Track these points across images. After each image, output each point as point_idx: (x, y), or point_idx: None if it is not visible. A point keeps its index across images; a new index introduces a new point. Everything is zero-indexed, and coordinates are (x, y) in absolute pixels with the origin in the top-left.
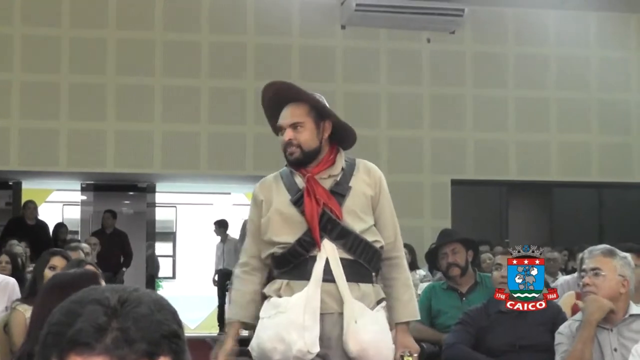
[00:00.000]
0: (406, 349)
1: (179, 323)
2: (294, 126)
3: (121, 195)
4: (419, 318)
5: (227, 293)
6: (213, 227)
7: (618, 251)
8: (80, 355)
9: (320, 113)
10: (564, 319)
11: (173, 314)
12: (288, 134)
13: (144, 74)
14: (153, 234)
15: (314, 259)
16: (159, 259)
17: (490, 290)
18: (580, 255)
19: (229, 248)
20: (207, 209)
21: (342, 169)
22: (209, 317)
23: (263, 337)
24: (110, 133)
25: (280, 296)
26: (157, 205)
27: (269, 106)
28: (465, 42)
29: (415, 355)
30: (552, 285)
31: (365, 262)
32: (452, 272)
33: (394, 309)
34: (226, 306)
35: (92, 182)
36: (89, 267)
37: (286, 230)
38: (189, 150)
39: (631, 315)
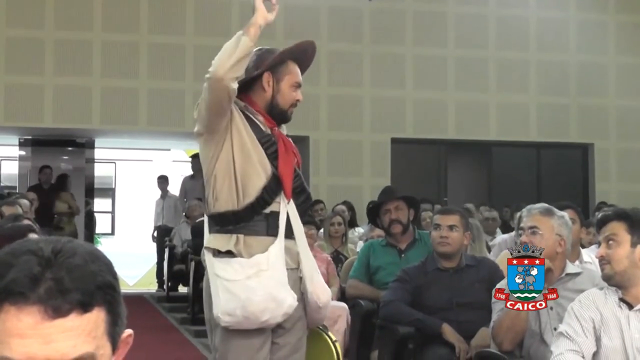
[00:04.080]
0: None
1: (113, 275)
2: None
3: (60, 150)
4: None
5: (165, 250)
6: (156, 181)
7: (556, 210)
8: (14, 305)
9: None
10: (501, 277)
11: (108, 265)
12: (300, 95)
13: (83, 28)
14: (92, 190)
15: (274, 214)
16: (98, 215)
17: (428, 247)
18: (518, 214)
19: (168, 204)
20: (147, 166)
21: (286, 132)
22: (147, 274)
23: (253, 298)
24: (48, 87)
25: (239, 252)
26: (96, 161)
27: (295, 56)
28: (406, 1)
29: None
30: (491, 243)
31: (303, 221)
32: (395, 229)
33: None
34: (164, 263)
35: (30, 137)
36: (27, 222)
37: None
38: (128, 106)
39: (567, 274)
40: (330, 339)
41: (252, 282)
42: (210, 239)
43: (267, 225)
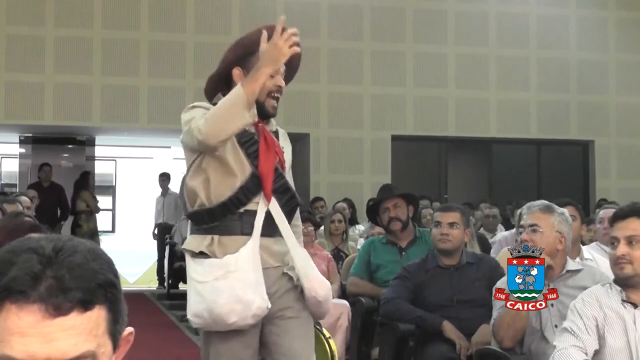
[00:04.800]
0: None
1: (114, 272)
2: (283, 75)
3: (60, 148)
4: None
5: (166, 247)
6: (157, 179)
7: (556, 207)
8: (15, 303)
9: None
10: (501, 274)
11: (109, 263)
12: (281, 80)
13: (83, 26)
14: (92, 187)
15: (249, 213)
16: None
17: (429, 245)
18: (519, 211)
19: (169, 202)
20: (147, 163)
21: (277, 129)
22: (148, 271)
23: (218, 301)
24: (48, 85)
25: (212, 252)
26: (96, 158)
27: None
28: None
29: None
30: (491, 240)
31: (288, 220)
32: (394, 226)
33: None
34: (165, 260)
35: (30, 134)
36: (29, 220)
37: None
38: (129, 104)
39: (568, 271)
40: (324, 335)
41: (219, 284)
42: (187, 240)
43: (242, 225)
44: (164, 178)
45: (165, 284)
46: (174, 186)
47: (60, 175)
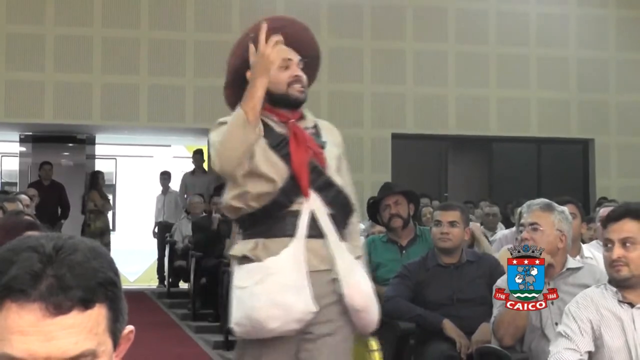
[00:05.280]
0: None
1: (115, 271)
2: (300, 65)
3: (60, 146)
4: None
5: (166, 246)
6: (158, 177)
7: (556, 205)
8: (15, 302)
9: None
10: (502, 273)
11: (109, 261)
12: (297, 69)
13: (83, 24)
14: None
15: (293, 213)
16: None
17: (429, 244)
18: (519, 209)
19: (169, 200)
20: (147, 161)
21: (315, 123)
22: (148, 270)
23: (255, 305)
24: (49, 83)
25: (257, 257)
26: (96, 157)
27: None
28: None
29: None
30: (491, 239)
31: (341, 218)
32: (395, 223)
33: None
34: (165, 259)
35: (30, 133)
36: (27, 218)
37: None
38: (129, 102)
39: (568, 269)
40: (370, 348)
41: (258, 288)
42: (233, 247)
43: (285, 226)
44: (165, 177)
45: (166, 282)
46: (175, 185)
47: (60, 174)
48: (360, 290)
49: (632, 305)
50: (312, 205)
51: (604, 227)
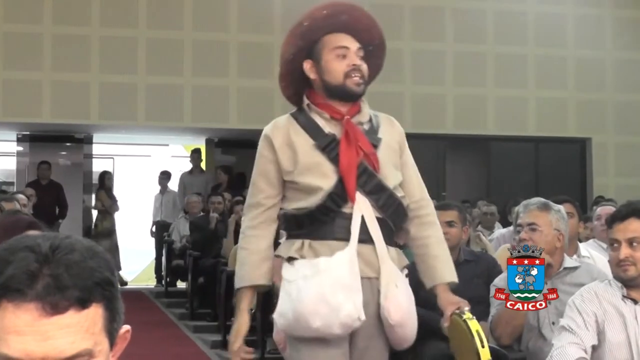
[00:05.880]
0: (458, 306)
1: (111, 270)
2: (360, 53)
3: (58, 146)
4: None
5: (164, 245)
6: (157, 177)
7: (552, 204)
8: (12, 301)
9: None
10: (499, 272)
11: (106, 261)
12: (355, 58)
13: (81, 23)
14: (90, 185)
15: (343, 215)
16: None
17: None
18: (516, 209)
19: (167, 200)
20: (145, 161)
21: (370, 117)
22: (145, 269)
23: (303, 298)
24: (46, 83)
25: (303, 257)
26: (94, 156)
27: (326, 31)
28: None
29: (468, 309)
30: (489, 238)
31: (392, 222)
32: None
33: (434, 268)
34: (163, 258)
35: (28, 132)
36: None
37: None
38: (127, 102)
39: (565, 268)
40: (463, 320)
41: (307, 282)
42: (279, 247)
43: (334, 229)
44: (164, 176)
45: (163, 281)
46: (173, 184)
47: (58, 174)
48: (398, 304)
49: (635, 301)
50: (362, 208)
51: (609, 227)
